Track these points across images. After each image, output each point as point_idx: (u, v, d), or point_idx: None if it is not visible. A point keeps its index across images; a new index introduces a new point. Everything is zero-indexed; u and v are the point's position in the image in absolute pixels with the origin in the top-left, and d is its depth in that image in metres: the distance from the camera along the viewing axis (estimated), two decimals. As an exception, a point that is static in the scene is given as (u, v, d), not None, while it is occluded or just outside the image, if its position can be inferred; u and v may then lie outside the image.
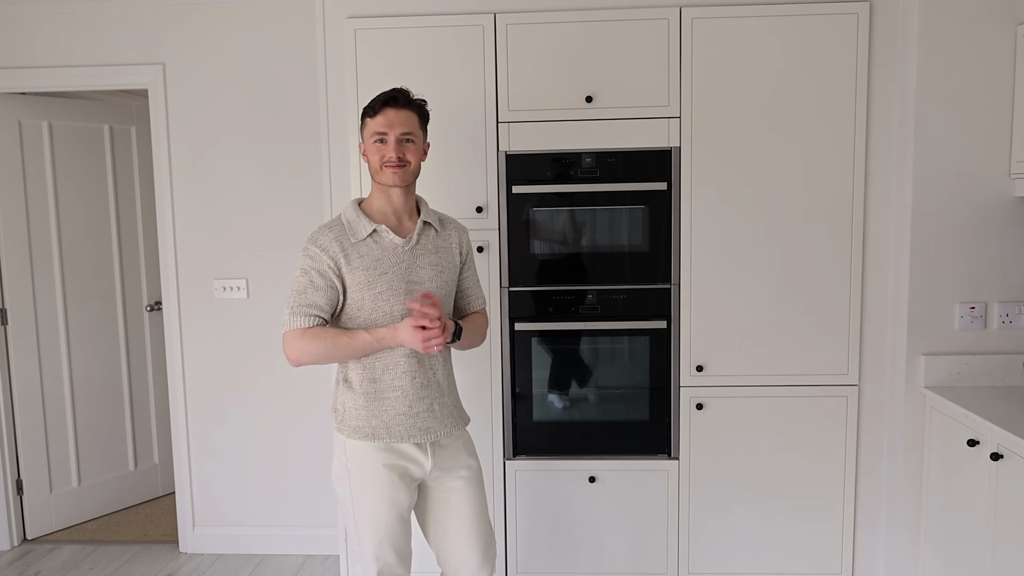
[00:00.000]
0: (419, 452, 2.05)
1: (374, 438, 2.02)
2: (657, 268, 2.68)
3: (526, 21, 2.60)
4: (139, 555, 3.44)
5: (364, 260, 2.00)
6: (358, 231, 2.01)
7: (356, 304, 2.01)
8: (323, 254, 1.98)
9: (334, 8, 2.68)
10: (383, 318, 2.01)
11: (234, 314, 3.35)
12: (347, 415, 2.05)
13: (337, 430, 2.07)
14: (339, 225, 2.03)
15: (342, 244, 1.99)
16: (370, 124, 2.02)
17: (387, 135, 2.00)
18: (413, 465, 2.06)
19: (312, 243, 2.00)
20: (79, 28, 3.26)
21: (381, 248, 2.02)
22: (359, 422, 2.03)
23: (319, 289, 1.98)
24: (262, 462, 3.40)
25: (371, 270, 1.99)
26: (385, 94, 2.02)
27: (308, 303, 1.98)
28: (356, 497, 2.04)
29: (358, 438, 2.03)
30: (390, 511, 2.03)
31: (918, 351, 2.60)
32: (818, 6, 2.55)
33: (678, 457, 2.74)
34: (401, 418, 2.03)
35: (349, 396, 2.06)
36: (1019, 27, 2.46)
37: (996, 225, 2.55)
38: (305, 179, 3.25)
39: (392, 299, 2.01)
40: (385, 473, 2.02)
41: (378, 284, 2.00)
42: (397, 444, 2.03)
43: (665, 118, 2.61)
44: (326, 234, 2.01)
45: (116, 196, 3.77)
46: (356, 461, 2.03)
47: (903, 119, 2.57)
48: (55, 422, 3.63)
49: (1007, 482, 2.17)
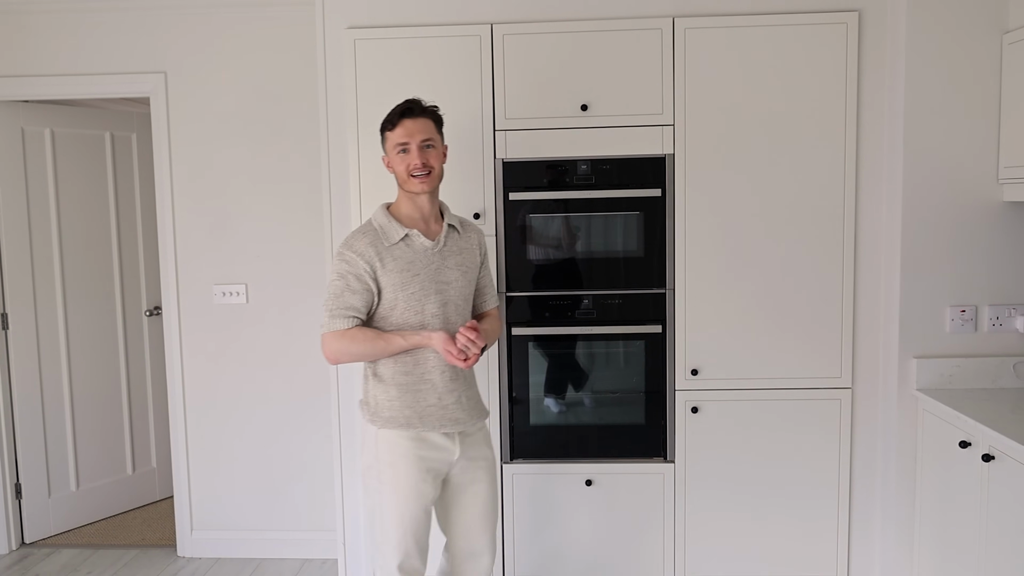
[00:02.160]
0: (448, 441, 2.16)
1: (408, 427, 2.12)
2: (652, 273, 2.72)
3: (522, 31, 2.65)
4: (137, 559, 3.45)
5: (398, 263, 2.10)
6: (391, 235, 2.12)
7: (390, 304, 2.12)
8: (359, 258, 2.08)
9: (334, 19, 2.72)
10: (415, 317, 2.12)
11: (233, 319, 3.37)
12: (379, 407, 2.15)
13: (369, 422, 2.16)
14: (372, 230, 2.13)
15: (377, 248, 2.10)
16: (391, 137, 2.14)
17: (409, 144, 2.10)
18: (442, 455, 2.16)
19: (348, 248, 2.11)
20: (82, 37, 3.30)
21: (413, 251, 2.13)
22: (392, 412, 2.13)
23: (355, 292, 2.09)
24: (260, 466, 3.42)
25: (404, 272, 2.10)
26: (400, 106, 2.14)
27: (346, 306, 2.09)
28: (384, 487, 2.13)
29: (392, 428, 2.12)
30: (416, 503, 2.12)
31: (910, 354, 2.63)
32: (808, 15, 2.60)
33: (673, 460, 2.76)
34: (432, 409, 2.14)
35: (380, 389, 2.15)
36: (1005, 36, 2.51)
37: (985, 229, 2.59)
38: (305, 186, 3.28)
39: (424, 299, 2.12)
40: (415, 463, 2.12)
41: (411, 285, 2.11)
42: (428, 433, 2.13)
43: (659, 126, 2.65)
44: (361, 239, 2.11)
45: (117, 202, 3.80)
46: (389, 451, 2.13)
47: (892, 125, 2.61)
48: (54, 426, 3.65)
49: (998, 483, 2.20)
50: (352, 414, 2.82)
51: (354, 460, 2.83)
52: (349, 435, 2.84)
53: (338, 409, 2.85)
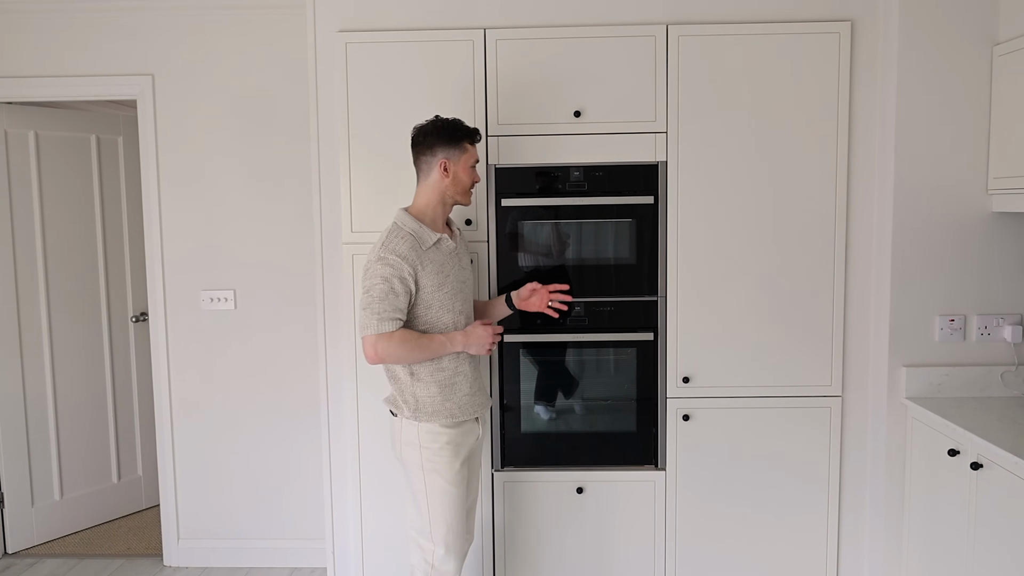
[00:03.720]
0: (477, 425, 2.43)
1: (450, 417, 2.31)
2: (644, 280, 2.72)
3: (515, 37, 2.64)
4: (122, 568, 3.40)
5: (434, 265, 2.27)
6: (425, 240, 2.28)
7: (427, 304, 2.28)
8: (404, 263, 2.21)
9: (325, 22, 2.70)
10: (448, 314, 2.31)
11: (221, 325, 3.34)
12: (421, 403, 2.31)
13: (412, 419, 2.31)
14: (409, 235, 2.26)
15: (417, 252, 2.25)
16: (471, 151, 2.33)
17: (477, 161, 2.37)
18: (472, 439, 2.40)
19: (392, 252, 2.22)
20: (67, 38, 3.26)
21: (442, 254, 2.31)
22: (435, 407, 2.31)
23: (399, 295, 2.22)
24: (248, 474, 3.39)
25: (439, 274, 2.28)
26: (471, 126, 2.36)
27: (392, 307, 2.22)
28: (430, 476, 2.30)
29: (436, 421, 2.30)
30: (461, 486, 2.34)
31: (900, 363, 2.65)
32: (801, 24, 2.61)
33: (665, 468, 2.76)
34: (467, 398, 2.36)
35: (421, 387, 2.31)
36: (995, 47, 2.53)
37: (974, 239, 2.61)
38: (295, 191, 3.26)
39: (454, 297, 2.32)
40: (456, 451, 2.32)
41: (445, 286, 2.30)
42: (465, 421, 2.36)
43: (652, 133, 2.65)
44: (402, 243, 2.24)
45: (102, 207, 3.75)
46: (432, 440, 2.30)
47: (884, 136, 2.63)
48: (37, 434, 3.59)
49: (986, 491, 2.22)
50: (341, 421, 2.80)
51: (344, 468, 2.81)
52: (338, 442, 2.82)
53: (327, 416, 2.83)
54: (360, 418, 2.76)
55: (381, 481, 2.77)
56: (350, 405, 2.76)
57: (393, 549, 2.78)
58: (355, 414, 2.76)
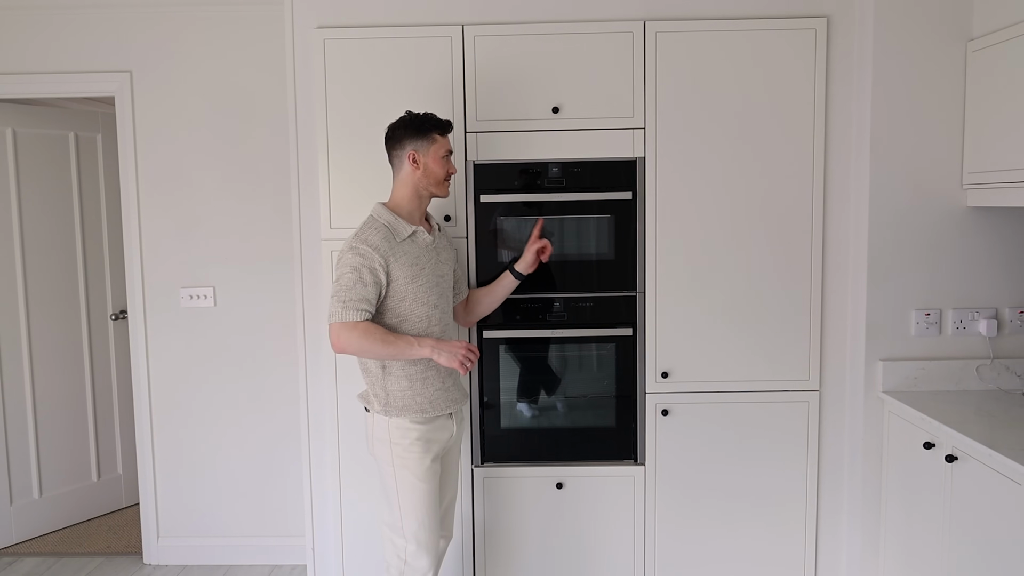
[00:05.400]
0: (449, 421, 2.40)
1: (420, 412, 2.30)
2: (623, 276, 2.72)
3: (494, 33, 2.64)
4: (102, 567, 3.39)
5: (407, 257, 2.27)
6: (400, 231, 2.28)
7: (400, 296, 2.26)
8: (375, 253, 2.20)
9: (303, 18, 2.69)
10: (422, 308, 2.30)
11: (201, 323, 3.32)
12: (392, 397, 2.31)
13: (382, 413, 2.31)
14: (383, 226, 2.26)
15: (390, 243, 2.24)
16: (441, 141, 2.32)
17: (451, 153, 2.36)
18: (445, 435, 2.38)
19: (363, 242, 2.22)
20: (46, 35, 3.24)
21: (418, 247, 2.31)
22: (406, 401, 2.30)
23: (367, 285, 2.20)
24: (228, 473, 3.37)
25: (413, 266, 2.27)
26: (443, 118, 2.34)
27: (359, 298, 2.19)
28: (400, 472, 2.30)
29: (405, 415, 2.29)
30: (431, 482, 2.32)
31: (876, 357, 2.67)
32: (778, 21, 2.62)
33: (644, 463, 2.77)
34: (439, 393, 2.35)
35: (392, 380, 2.30)
36: (969, 43, 2.55)
37: (950, 234, 2.63)
38: (273, 187, 3.25)
39: (429, 291, 2.31)
40: (426, 446, 2.31)
41: (419, 278, 2.28)
42: (436, 416, 2.34)
43: (630, 129, 2.66)
44: (375, 234, 2.23)
45: (81, 204, 3.73)
46: (402, 436, 2.29)
47: (859, 130, 2.65)
48: (16, 432, 3.57)
49: (961, 483, 2.24)
50: (321, 419, 2.79)
51: (323, 466, 2.80)
52: (318, 440, 2.81)
53: (307, 414, 2.82)
54: (340, 415, 2.75)
55: (361, 478, 2.76)
56: (329, 402, 2.75)
57: (373, 546, 2.77)
58: (335, 411, 2.75)
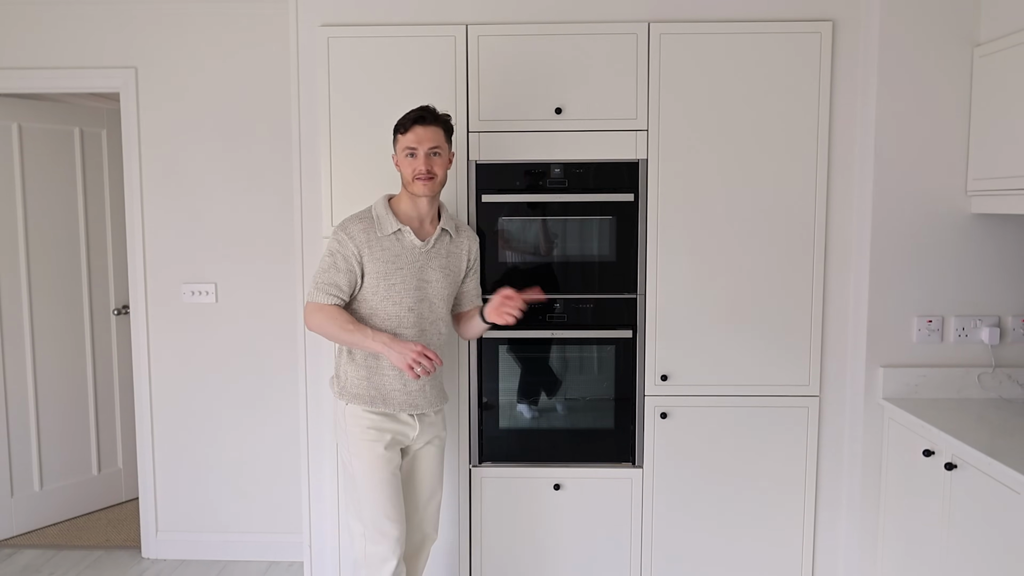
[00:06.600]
0: (410, 419, 2.34)
1: (372, 403, 2.27)
2: (624, 278, 2.71)
3: (498, 33, 2.63)
4: (101, 560, 3.40)
5: (385, 254, 2.25)
6: (385, 227, 2.27)
7: (371, 289, 2.27)
8: (350, 241, 2.24)
9: (308, 16, 2.69)
10: (393, 307, 2.28)
11: (202, 319, 3.33)
12: (347, 383, 2.30)
13: (338, 396, 2.32)
14: (369, 218, 2.28)
15: (368, 236, 2.25)
16: (401, 140, 2.27)
17: (417, 150, 2.24)
18: (403, 429, 2.33)
19: (342, 230, 2.26)
20: (50, 29, 3.25)
21: (401, 246, 2.28)
22: (359, 389, 2.28)
23: (341, 271, 2.25)
24: (227, 468, 3.38)
25: (389, 264, 2.26)
26: (414, 112, 2.26)
27: (330, 282, 2.25)
28: (354, 459, 2.28)
29: (357, 403, 2.27)
30: (385, 468, 2.27)
31: (877, 363, 2.65)
32: (783, 24, 2.61)
33: (642, 465, 2.76)
34: (396, 392, 2.30)
35: (351, 366, 2.30)
36: (975, 48, 2.53)
37: (953, 241, 2.61)
38: (276, 185, 3.25)
39: (403, 292, 2.28)
40: (379, 435, 2.27)
41: (393, 277, 2.26)
42: (390, 414, 2.30)
43: (633, 131, 2.65)
44: (356, 224, 2.26)
45: (85, 199, 3.74)
46: (355, 423, 2.28)
47: (864, 135, 2.63)
48: (18, 425, 3.58)
49: (960, 491, 2.22)
50: (320, 417, 2.79)
51: (322, 463, 2.80)
52: (317, 437, 2.81)
53: (306, 410, 2.82)
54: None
55: (358, 476, 2.76)
56: (328, 399, 2.75)
57: (370, 544, 2.77)
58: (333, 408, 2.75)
